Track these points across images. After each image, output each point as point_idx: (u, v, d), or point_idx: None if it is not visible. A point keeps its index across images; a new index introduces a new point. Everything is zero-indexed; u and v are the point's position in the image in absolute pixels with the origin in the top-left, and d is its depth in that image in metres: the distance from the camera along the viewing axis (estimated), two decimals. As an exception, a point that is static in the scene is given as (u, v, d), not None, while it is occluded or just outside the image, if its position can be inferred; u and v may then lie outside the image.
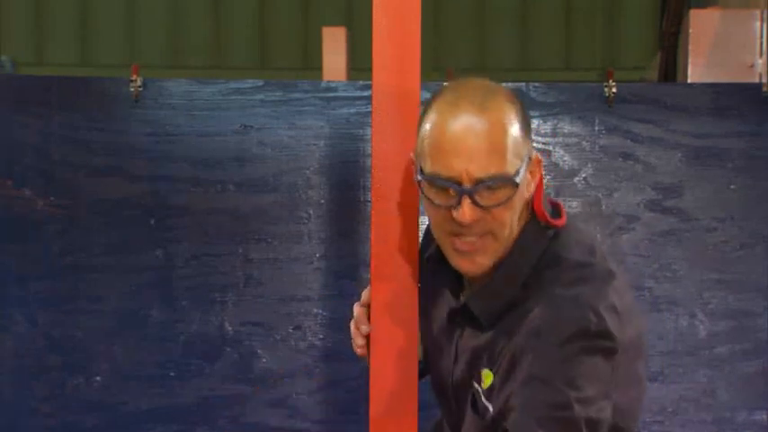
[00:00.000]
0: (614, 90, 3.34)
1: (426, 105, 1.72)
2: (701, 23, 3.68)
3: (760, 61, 3.65)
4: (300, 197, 3.36)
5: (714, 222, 3.36)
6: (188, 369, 3.35)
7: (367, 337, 1.90)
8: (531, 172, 1.71)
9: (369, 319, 1.91)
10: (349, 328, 1.95)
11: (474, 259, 1.70)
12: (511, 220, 1.68)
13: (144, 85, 3.35)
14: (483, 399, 1.70)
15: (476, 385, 1.73)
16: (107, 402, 3.33)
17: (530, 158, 1.69)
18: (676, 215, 3.36)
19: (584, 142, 3.36)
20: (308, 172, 3.36)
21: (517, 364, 1.63)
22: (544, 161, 3.33)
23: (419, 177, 1.69)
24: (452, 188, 1.64)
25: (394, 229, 1.86)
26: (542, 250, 1.72)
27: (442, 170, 1.64)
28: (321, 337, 3.36)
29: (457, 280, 1.83)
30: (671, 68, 5.63)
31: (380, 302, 1.87)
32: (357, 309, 1.93)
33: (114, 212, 3.34)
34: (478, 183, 1.63)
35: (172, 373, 3.34)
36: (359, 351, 1.91)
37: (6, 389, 3.33)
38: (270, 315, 3.36)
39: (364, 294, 1.94)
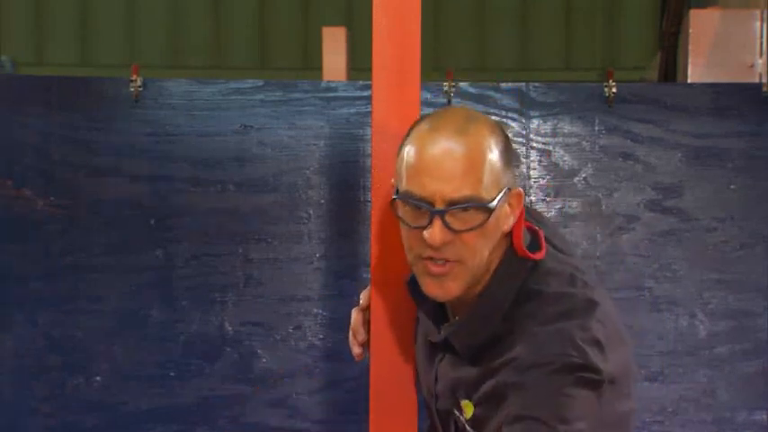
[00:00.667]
0: (614, 90, 3.34)
1: (409, 130, 1.72)
2: (701, 23, 3.68)
3: (760, 61, 3.65)
4: (300, 197, 3.36)
5: (714, 222, 3.36)
6: (188, 369, 3.35)
7: (363, 344, 1.90)
8: (510, 204, 1.68)
9: (366, 324, 1.91)
10: (348, 328, 1.95)
11: (443, 284, 1.68)
12: (482, 249, 1.66)
13: (144, 85, 3.35)
14: (468, 428, 1.70)
15: (457, 413, 1.73)
16: (107, 402, 3.33)
17: (509, 190, 1.67)
18: (676, 215, 3.36)
19: (584, 142, 3.37)
20: (308, 172, 3.37)
21: (502, 399, 1.62)
22: (544, 161, 3.33)
23: (394, 197, 1.69)
24: (424, 208, 1.63)
25: (394, 229, 1.86)
26: (521, 283, 1.70)
27: (416, 190, 1.63)
28: (321, 337, 3.36)
29: (439, 308, 1.81)
30: (671, 68, 5.64)
31: (380, 302, 1.87)
32: (355, 314, 1.92)
33: (114, 212, 3.34)
34: (451, 204, 1.61)
35: (172, 373, 3.34)
36: (356, 359, 1.91)
37: (6, 389, 3.33)
38: (270, 315, 3.36)
39: (363, 297, 1.93)
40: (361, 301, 1.93)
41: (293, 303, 3.37)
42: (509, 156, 1.68)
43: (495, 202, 1.63)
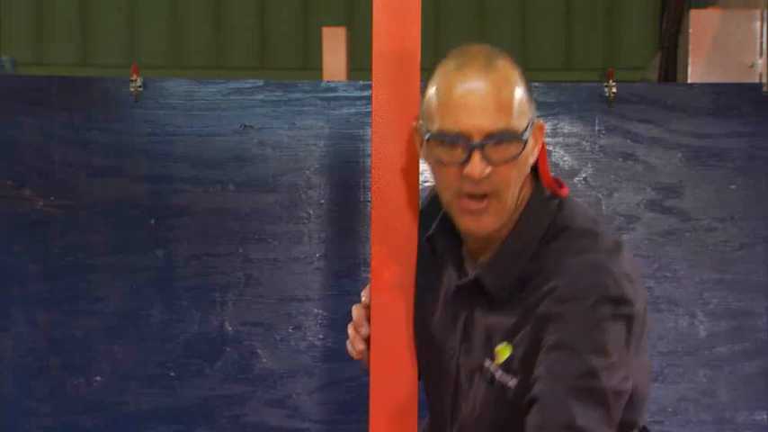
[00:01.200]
0: (614, 90, 3.34)
1: (431, 72, 1.76)
2: (701, 24, 3.68)
3: (760, 61, 3.65)
4: (300, 197, 3.36)
5: (714, 222, 3.36)
6: (188, 369, 3.35)
7: (367, 340, 1.89)
8: (534, 137, 1.74)
9: (369, 320, 1.91)
10: (348, 327, 1.94)
11: (481, 219, 1.71)
12: (516, 181, 1.71)
13: (144, 85, 3.35)
14: (500, 374, 1.71)
15: (488, 363, 1.73)
16: (107, 402, 3.33)
17: (533, 123, 1.73)
18: (676, 215, 3.36)
19: (584, 142, 3.37)
20: (308, 172, 3.37)
21: (542, 333, 1.65)
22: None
23: (427, 137, 1.71)
24: (462, 143, 1.67)
25: (394, 229, 1.86)
26: (549, 221, 1.75)
27: (452, 126, 1.67)
28: (321, 337, 3.36)
29: (459, 261, 1.83)
30: (671, 68, 5.64)
31: (380, 302, 1.87)
32: (356, 311, 1.92)
33: (115, 212, 3.34)
34: (488, 137, 1.66)
35: (172, 373, 3.34)
36: (357, 356, 1.90)
37: (6, 389, 3.33)
38: (270, 315, 3.36)
39: (364, 295, 1.93)
40: (362, 299, 1.93)
41: (293, 303, 3.37)
42: (530, 89, 1.75)
43: (527, 134, 1.69)
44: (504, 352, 1.71)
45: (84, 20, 10.01)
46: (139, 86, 3.34)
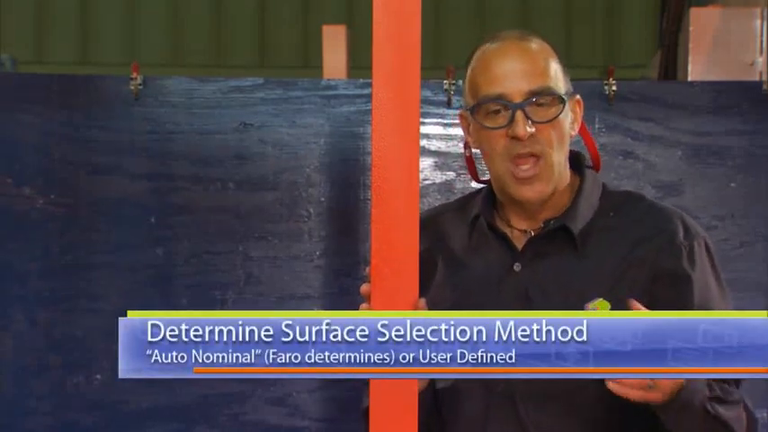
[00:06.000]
0: (615, 88, 3.34)
1: (469, 57, 1.85)
2: (701, 22, 3.68)
3: (760, 60, 3.65)
4: (301, 195, 3.36)
5: (714, 220, 3.36)
6: (188, 367, 3.34)
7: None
8: (573, 110, 1.82)
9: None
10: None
11: (533, 185, 1.79)
12: (559, 145, 1.79)
13: (144, 83, 3.35)
14: None
15: None
16: (107, 401, 3.33)
17: (571, 94, 1.81)
18: (676, 213, 3.36)
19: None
20: (308, 170, 3.37)
21: (651, 277, 1.75)
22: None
23: (471, 105, 1.80)
24: (504, 104, 1.75)
25: (394, 228, 1.85)
26: (601, 183, 1.92)
27: (493, 90, 1.77)
28: (321, 335, 3.36)
29: (504, 240, 1.86)
30: (671, 67, 5.63)
31: (380, 301, 1.87)
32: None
33: (114, 211, 3.34)
34: (529, 97, 1.74)
35: (172, 372, 3.34)
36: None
37: (6, 388, 3.33)
38: (270, 313, 3.36)
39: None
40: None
41: (293, 301, 3.36)
42: (563, 65, 1.84)
43: (565, 97, 1.78)
44: (603, 306, 1.74)
45: (85, 18, 10.00)
46: (139, 84, 3.34)
